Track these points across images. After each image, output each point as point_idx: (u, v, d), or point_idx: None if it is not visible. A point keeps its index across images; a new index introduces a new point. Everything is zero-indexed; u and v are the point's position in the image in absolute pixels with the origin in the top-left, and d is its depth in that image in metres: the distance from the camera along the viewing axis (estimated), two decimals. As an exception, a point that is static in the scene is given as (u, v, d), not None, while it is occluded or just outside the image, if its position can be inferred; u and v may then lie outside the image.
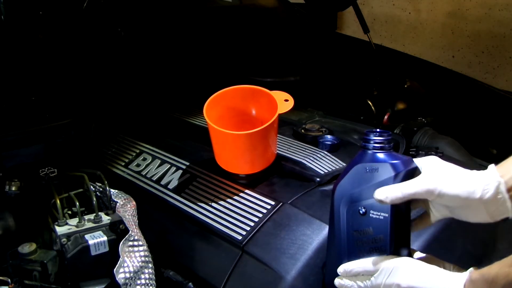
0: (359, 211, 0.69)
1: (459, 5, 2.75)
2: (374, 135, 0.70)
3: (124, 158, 1.15)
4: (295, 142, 1.12)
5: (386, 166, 0.68)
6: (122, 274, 0.79)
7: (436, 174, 0.64)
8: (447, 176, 0.63)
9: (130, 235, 0.83)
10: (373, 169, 0.69)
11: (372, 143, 0.70)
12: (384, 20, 3.10)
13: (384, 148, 0.69)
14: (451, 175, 0.63)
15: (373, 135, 0.70)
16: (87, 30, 1.34)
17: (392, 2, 3.05)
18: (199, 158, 1.07)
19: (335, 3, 1.86)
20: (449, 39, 2.84)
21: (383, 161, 0.69)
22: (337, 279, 0.69)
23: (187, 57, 1.53)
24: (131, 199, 0.94)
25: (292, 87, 1.31)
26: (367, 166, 0.69)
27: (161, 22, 1.52)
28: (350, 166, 0.72)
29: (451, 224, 0.80)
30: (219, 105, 1.01)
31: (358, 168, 0.70)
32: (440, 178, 0.63)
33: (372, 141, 0.70)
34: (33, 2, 1.23)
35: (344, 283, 0.68)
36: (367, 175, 0.69)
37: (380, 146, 0.69)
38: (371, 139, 0.70)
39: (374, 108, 1.48)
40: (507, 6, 2.57)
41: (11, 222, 0.98)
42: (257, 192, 0.94)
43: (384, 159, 0.69)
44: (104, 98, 1.31)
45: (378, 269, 0.65)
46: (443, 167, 0.65)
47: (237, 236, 0.86)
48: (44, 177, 1.04)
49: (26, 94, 1.18)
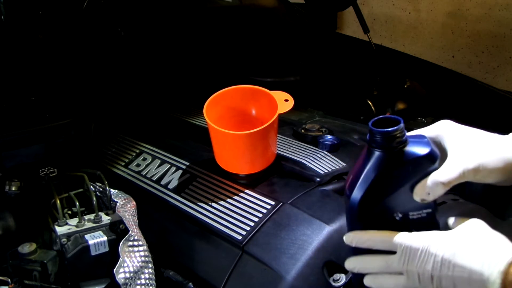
0: (395, 218, 0.61)
1: (459, 5, 2.75)
2: (390, 130, 0.57)
3: (124, 158, 1.15)
4: (295, 142, 1.12)
5: (418, 161, 0.58)
6: (122, 274, 0.79)
7: (469, 148, 0.59)
8: (481, 147, 0.59)
9: (130, 235, 0.83)
10: (403, 169, 0.59)
11: (394, 141, 0.58)
12: (384, 20, 3.10)
13: (404, 141, 0.58)
14: (484, 144, 0.59)
15: (388, 130, 0.57)
16: (87, 30, 1.34)
17: (392, 2, 3.05)
18: (199, 158, 1.07)
19: (335, 3, 1.86)
20: (449, 39, 2.84)
21: (412, 155, 0.58)
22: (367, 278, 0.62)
23: (187, 57, 1.53)
24: (131, 199, 0.94)
25: (292, 87, 1.31)
26: (394, 169, 0.59)
27: (161, 22, 1.52)
28: (369, 172, 0.59)
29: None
30: (219, 105, 1.01)
31: (382, 173, 0.59)
32: (476, 152, 0.58)
33: (394, 138, 0.57)
34: (33, 2, 1.23)
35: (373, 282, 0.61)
36: (396, 178, 0.59)
37: (401, 140, 0.58)
38: (392, 135, 0.57)
39: (374, 108, 1.48)
40: (507, 6, 2.57)
41: (11, 222, 0.98)
42: (257, 192, 0.94)
43: (412, 152, 0.58)
44: (104, 98, 1.31)
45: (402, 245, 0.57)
46: (467, 135, 0.60)
47: (237, 236, 0.86)
48: (44, 177, 1.04)
49: (26, 94, 1.18)
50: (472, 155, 0.59)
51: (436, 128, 0.64)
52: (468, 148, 0.60)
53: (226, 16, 1.69)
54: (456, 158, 0.59)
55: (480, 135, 0.61)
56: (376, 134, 0.58)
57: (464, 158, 0.59)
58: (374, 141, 0.59)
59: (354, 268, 0.64)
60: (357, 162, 0.62)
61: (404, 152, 0.58)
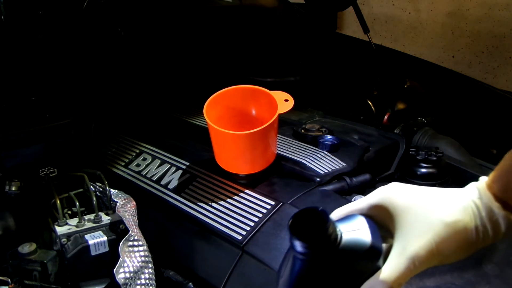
0: None
1: (459, 5, 2.75)
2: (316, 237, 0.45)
3: (124, 158, 1.15)
4: (295, 142, 1.12)
5: (357, 261, 0.47)
6: (122, 274, 0.79)
7: (418, 226, 0.47)
8: (433, 222, 0.47)
9: (130, 235, 0.83)
10: (338, 274, 0.47)
11: (323, 245, 0.46)
12: (384, 20, 3.10)
13: (335, 239, 0.47)
14: (436, 216, 0.47)
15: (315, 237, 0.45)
16: (87, 30, 1.34)
17: (392, 2, 3.05)
18: (199, 158, 1.07)
19: (335, 3, 1.86)
20: (449, 39, 2.84)
21: (349, 255, 0.47)
22: None
23: (187, 57, 1.53)
24: (131, 199, 0.94)
25: (292, 87, 1.31)
26: (326, 277, 0.47)
27: (161, 22, 1.52)
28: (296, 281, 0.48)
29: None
30: (219, 105, 1.01)
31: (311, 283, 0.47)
32: (428, 230, 0.46)
33: (322, 242, 0.46)
34: (33, 2, 1.23)
35: None
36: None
37: (332, 240, 0.46)
38: (319, 240, 0.45)
39: (374, 108, 1.48)
40: (507, 6, 2.57)
41: (11, 222, 0.98)
42: (257, 192, 0.94)
43: (348, 250, 0.47)
44: (104, 98, 1.31)
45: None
46: (415, 207, 0.48)
47: (237, 236, 0.86)
48: (44, 177, 1.04)
49: (26, 94, 1.18)
50: (423, 237, 0.47)
51: (378, 199, 0.51)
52: (416, 226, 0.47)
53: (226, 16, 1.69)
54: (402, 247, 0.47)
55: (431, 202, 0.49)
56: (296, 244, 0.46)
57: (413, 243, 0.47)
58: (296, 250, 0.47)
59: None
60: (285, 260, 0.51)
61: (338, 253, 0.46)
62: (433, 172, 1.04)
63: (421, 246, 0.46)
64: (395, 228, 0.49)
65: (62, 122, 1.15)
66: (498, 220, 0.48)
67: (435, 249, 0.46)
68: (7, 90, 1.17)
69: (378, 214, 0.51)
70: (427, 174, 1.04)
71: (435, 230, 0.47)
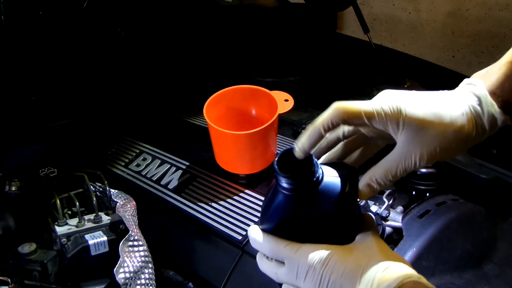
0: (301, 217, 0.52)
1: (459, 5, 2.75)
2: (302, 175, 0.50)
3: (124, 158, 1.15)
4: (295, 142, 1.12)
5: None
6: (122, 274, 0.79)
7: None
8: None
9: (130, 235, 0.83)
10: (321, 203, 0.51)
11: (306, 182, 0.50)
12: (384, 20, 3.10)
13: (317, 179, 0.51)
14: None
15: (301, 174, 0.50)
16: (87, 30, 1.34)
17: (392, 2, 3.05)
18: (199, 158, 1.07)
19: (335, 3, 1.86)
20: (449, 39, 2.83)
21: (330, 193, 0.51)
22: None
23: (187, 57, 1.53)
24: (131, 199, 0.94)
25: (292, 87, 1.31)
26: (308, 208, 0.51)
27: (161, 22, 1.52)
28: (277, 212, 0.52)
29: (451, 224, 0.80)
30: (219, 105, 1.01)
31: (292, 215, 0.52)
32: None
33: (306, 180, 0.50)
34: (33, 2, 1.23)
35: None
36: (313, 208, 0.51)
37: (314, 178, 0.51)
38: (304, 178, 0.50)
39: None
40: (507, 6, 2.57)
41: (11, 222, 0.98)
42: (257, 192, 0.94)
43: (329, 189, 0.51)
44: (104, 98, 1.31)
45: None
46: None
47: (237, 236, 0.86)
48: (44, 177, 1.04)
49: (26, 94, 1.18)
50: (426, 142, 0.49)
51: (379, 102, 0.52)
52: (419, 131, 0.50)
53: (226, 16, 1.69)
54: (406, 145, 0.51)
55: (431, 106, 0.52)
56: (282, 179, 0.50)
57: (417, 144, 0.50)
58: (281, 185, 0.51)
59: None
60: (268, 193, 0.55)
61: (317, 191, 0.51)
62: (432, 172, 1.03)
63: (423, 153, 0.49)
64: (398, 130, 0.51)
65: (62, 122, 1.14)
66: (497, 120, 0.52)
67: (438, 153, 0.49)
68: (7, 90, 1.17)
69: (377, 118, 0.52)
70: (427, 174, 1.04)
71: (439, 138, 0.49)
